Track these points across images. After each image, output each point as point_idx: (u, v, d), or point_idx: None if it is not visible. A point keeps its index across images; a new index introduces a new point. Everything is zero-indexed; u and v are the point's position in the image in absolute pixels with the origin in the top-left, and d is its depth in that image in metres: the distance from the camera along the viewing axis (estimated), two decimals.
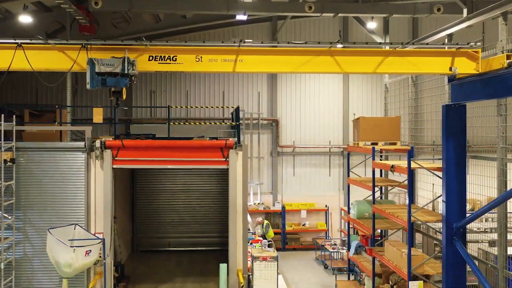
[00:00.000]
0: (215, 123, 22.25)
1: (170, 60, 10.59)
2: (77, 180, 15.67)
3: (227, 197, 22.25)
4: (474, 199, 16.53)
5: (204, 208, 22.41)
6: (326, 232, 24.23)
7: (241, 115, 22.80)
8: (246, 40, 10.21)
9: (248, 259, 16.15)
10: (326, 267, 20.91)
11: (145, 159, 15.99)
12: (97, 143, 15.50)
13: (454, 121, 11.80)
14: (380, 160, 17.51)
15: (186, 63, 10.69)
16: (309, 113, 24.70)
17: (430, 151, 20.24)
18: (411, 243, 12.76)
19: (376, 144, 16.48)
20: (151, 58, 10.62)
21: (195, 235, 22.40)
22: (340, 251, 20.46)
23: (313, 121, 24.72)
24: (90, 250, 14.47)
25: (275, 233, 22.44)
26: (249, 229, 18.07)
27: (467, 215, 11.96)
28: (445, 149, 11.63)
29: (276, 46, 13.79)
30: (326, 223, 24.31)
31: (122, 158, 15.81)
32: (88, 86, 9.98)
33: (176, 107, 22.66)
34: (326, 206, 24.41)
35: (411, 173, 12.79)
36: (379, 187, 17.09)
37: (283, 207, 24.13)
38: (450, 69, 11.09)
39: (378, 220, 16.04)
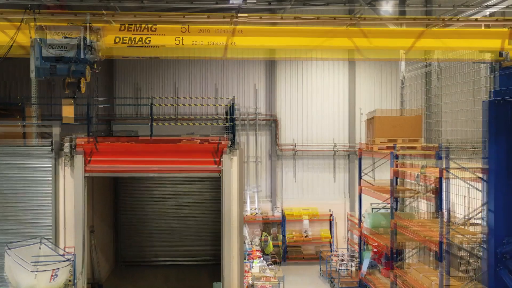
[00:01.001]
0: (206, 124, 19.95)
1: (143, 43, 8.15)
2: (44, 189, 13.49)
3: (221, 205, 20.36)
4: None
5: (196, 216, 20.22)
6: (330, 243, 21.91)
7: (236, 112, 20.47)
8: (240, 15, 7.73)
9: (246, 277, 13.91)
10: (332, 285, 18.56)
11: (123, 166, 13.66)
12: (66, 148, 13.15)
13: (500, 119, 9.48)
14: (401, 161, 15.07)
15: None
16: (311, 110, 22.39)
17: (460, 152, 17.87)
18: (443, 273, 10.39)
19: (395, 141, 14.12)
20: (117, 39, 8.20)
21: (185, 247, 20.18)
22: (349, 268, 18.09)
23: (316, 119, 22.40)
24: (57, 273, 12.21)
25: (273, 245, 20.21)
26: (245, 241, 15.74)
27: None
28: (494, 154, 9.29)
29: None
30: (330, 233, 21.98)
31: (96, 165, 13.49)
32: (32, 75, 7.56)
33: (161, 105, 20.21)
34: (330, 214, 22.07)
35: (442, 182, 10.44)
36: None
37: (283, 215, 21.80)
38: (500, 54, 8.69)
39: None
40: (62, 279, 12.36)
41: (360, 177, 15.91)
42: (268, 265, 13.73)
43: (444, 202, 10.96)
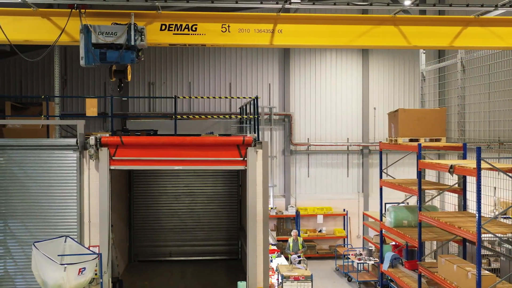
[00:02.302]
0: (224, 117, 19.81)
1: (189, 30, 8.09)
2: (68, 184, 13.33)
3: (235, 201, 20.26)
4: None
5: (210, 212, 20.12)
6: (344, 239, 21.86)
7: (250, 109, 20.38)
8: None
9: (271, 275, 13.80)
10: (350, 279, 18.53)
11: (148, 158, 13.57)
12: (91, 140, 13.04)
13: None
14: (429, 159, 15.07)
15: (209, 34, 8.20)
16: (324, 108, 22.30)
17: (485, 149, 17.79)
18: (480, 261, 10.38)
19: (417, 140, 14.15)
20: (163, 27, 8.13)
21: (199, 243, 20.06)
22: (367, 262, 18.04)
23: (330, 116, 22.31)
24: (84, 268, 12.12)
25: (285, 241, 20.08)
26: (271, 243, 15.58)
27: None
28: None
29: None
30: (344, 229, 21.92)
31: (120, 158, 13.39)
32: (82, 62, 7.52)
33: (184, 97, 20.02)
34: (344, 210, 22.02)
35: (479, 175, 10.40)
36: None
37: (297, 211, 21.74)
38: None
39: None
40: (89, 275, 12.24)
41: (381, 172, 15.84)
42: (297, 263, 13.56)
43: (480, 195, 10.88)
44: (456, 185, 13.92)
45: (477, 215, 10.27)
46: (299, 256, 14.12)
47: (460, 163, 11.41)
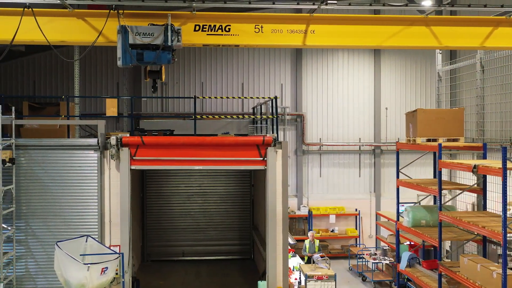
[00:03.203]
0: (237, 117, 19.82)
1: (222, 31, 8.13)
2: (89, 184, 13.37)
3: (248, 200, 20.30)
4: None
5: (222, 212, 20.16)
6: (356, 239, 21.92)
7: (265, 109, 20.44)
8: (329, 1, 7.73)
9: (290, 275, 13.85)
10: (364, 279, 18.57)
11: (168, 158, 13.62)
12: (113, 140, 13.08)
13: None
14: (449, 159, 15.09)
15: (242, 35, 8.24)
16: (336, 108, 22.36)
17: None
18: (506, 261, 10.43)
19: (435, 140, 14.20)
20: (197, 27, 8.18)
21: (212, 242, 20.10)
22: (382, 261, 18.08)
23: (342, 116, 22.37)
24: (107, 267, 12.14)
25: (299, 240, 20.15)
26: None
27: None
28: None
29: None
30: (357, 229, 21.97)
31: (141, 158, 13.44)
32: (119, 63, 7.56)
33: (202, 97, 20.02)
34: (356, 210, 22.08)
35: (505, 174, 10.45)
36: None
37: (310, 211, 21.78)
38: None
39: (437, 229, 13.82)
40: (111, 274, 12.27)
41: (397, 172, 15.88)
42: (319, 262, 13.57)
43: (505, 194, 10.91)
44: (476, 185, 13.95)
45: (502, 215, 10.32)
46: (322, 256, 14.14)
47: (483, 163, 11.46)
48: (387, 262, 17.85)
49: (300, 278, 14.45)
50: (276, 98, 14.54)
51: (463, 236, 13.34)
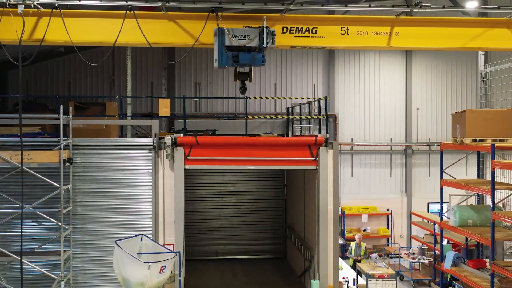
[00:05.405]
0: (270, 117, 19.92)
1: (309, 33, 8.26)
2: (143, 183, 13.42)
3: (281, 200, 20.39)
4: None
5: (255, 212, 20.20)
6: (388, 239, 22.07)
7: (304, 110, 20.53)
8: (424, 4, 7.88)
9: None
10: (402, 278, 18.70)
11: (221, 158, 13.73)
12: (168, 140, 13.19)
13: None
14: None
15: (328, 37, 8.37)
16: (368, 108, 22.53)
17: None
18: None
19: (482, 141, 14.34)
20: (285, 29, 8.31)
21: (245, 242, 20.16)
22: (421, 261, 18.21)
23: (373, 116, 22.55)
24: (165, 266, 12.26)
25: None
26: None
27: None
28: None
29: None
30: (389, 229, 22.13)
31: (195, 158, 13.54)
32: (215, 65, 7.69)
33: (261, 98, 20.09)
34: (388, 210, 22.23)
35: None
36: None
37: (342, 211, 21.92)
38: None
39: (485, 229, 14.02)
40: (167, 273, 12.41)
41: (441, 172, 15.99)
42: (378, 261, 13.70)
43: None
44: None
45: None
46: (380, 255, 14.27)
47: None
48: (426, 261, 17.98)
49: (347, 277, 14.58)
50: (326, 98, 14.68)
51: None
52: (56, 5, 7.75)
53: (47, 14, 7.88)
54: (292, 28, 8.42)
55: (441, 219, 15.91)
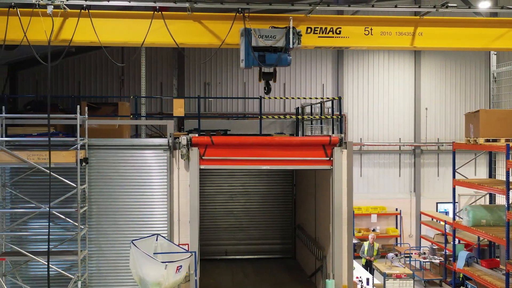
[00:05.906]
0: (279, 117, 19.94)
1: (333, 33, 8.28)
2: (159, 183, 13.44)
3: (290, 200, 20.41)
4: None
5: (265, 212, 20.22)
6: (396, 239, 22.10)
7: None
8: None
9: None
10: (412, 277, 18.69)
11: (235, 158, 13.74)
12: (183, 140, 13.21)
13: None
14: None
15: (352, 37, 8.39)
16: (377, 108, 22.56)
17: None
18: None
19: (495, 141, 14.36)
20: (309, 30, 8.33)
21: (254, 241, 20.19)
22: (432, 260, 18.23)
23: (382, 116, 22.58)
24: (181, 266, 12.28)
25: None
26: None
27: None
28: None
29: None
30: (398, 229, 22.15)
31: (210, 158, 13.55)
32: (242, 65, 7.73)
33: (270, 98, 20.07)
34: (397, 209, 22.26)
35: None
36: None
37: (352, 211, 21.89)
38: None
39: (499, 228, 14.05)
40: (183, 273, 12.42)
41: (453, 172, 16.02)
42: (394, 261, 13.71)
43: None
44: None
45: None
46: (396, 255, 14.29)
47: None
48: (437, 261, 18.00)
49: (361, 277, 14.61)
50: (340, 98, 14.69)
51: None
52: (84, 5, 7.78)
53: (73, 15, 7.93)
54: (316, 29, 8.46)
55: (454, 219, 15.93)
